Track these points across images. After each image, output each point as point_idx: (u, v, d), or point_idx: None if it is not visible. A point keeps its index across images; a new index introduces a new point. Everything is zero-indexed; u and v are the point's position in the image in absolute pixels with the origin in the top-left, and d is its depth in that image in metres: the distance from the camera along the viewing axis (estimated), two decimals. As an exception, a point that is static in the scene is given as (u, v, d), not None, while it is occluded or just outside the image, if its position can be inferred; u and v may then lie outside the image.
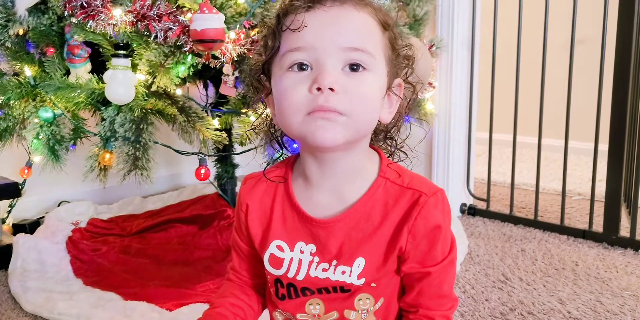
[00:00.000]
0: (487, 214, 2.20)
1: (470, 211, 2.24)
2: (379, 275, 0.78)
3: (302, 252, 0.80)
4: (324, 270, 0.79)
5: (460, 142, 2.24)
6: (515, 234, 2.01)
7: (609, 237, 1.90)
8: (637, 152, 1.86)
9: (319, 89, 0.69)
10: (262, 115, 0.88)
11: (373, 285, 0.79)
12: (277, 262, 0.81)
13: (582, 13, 1.97)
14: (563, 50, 2.01)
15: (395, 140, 0.84)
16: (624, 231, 1.90)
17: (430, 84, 1.92)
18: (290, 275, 0.80)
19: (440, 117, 2.18)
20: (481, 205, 2.25)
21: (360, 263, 0.77)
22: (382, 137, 0.83)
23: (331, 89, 0.69)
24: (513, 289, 1.57)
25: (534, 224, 2.08)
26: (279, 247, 0.81)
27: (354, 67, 0.71)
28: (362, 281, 0.78)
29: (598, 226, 1.96)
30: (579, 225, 2.05)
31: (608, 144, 1.90)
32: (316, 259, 0.79)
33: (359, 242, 0.78)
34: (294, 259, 0.80)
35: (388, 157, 0.83)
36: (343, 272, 0.78)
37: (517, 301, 1.49)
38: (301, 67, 0.71)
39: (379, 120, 0.78)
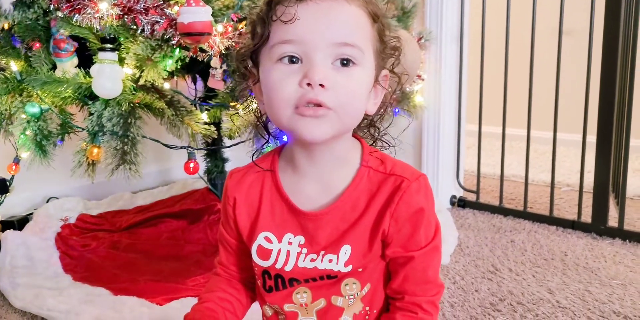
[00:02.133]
0: (477, 206, 2.21)
1: (460, 203, 2.24)
2: (365, 261, 0.79)
3: (290, 243, 0.81)
4: (312, 260, 0.80)
5: (450, 134, 2.25)
6: (505, 225, 2.02)
7: (598, 227, 1.92)
8: (625, 143, 1.87)
9: (309, 84, 0.70)
10: (245, 101, 0.91)
11: (359, 270, 0.80)
12: (265, 253, 0.82)
13: (570, 4, 1.98)
14: (551, 42, 2.01)
15: (379, 129, 0.85)
16: (612, 221, 1.92)
17: (419, 76, 1.92)
18: (278, 266, 0.81)
19: (429, 110, 2.18)
20: (471, 197, 2.26)
21: (346, 250, 0.78)
22: (366, 125, 0.83)
23: (321, 85, 0.69)
24: (502, 279, 1.58)
25: (524, 215, 2.09)
26: (267, 239, 0.82)
27: (344, 62, 0.72)
28: (349, 268, 0.79)
29: (587, 217, 1.97)
30: (567, 216, 2.07)
31: (596, 135, 1.91)
32: (304, 250, 0.80)
33: (345, 231, 0.79)
34: (282, 250, 0.81)
35: (370, 144, 0.84)
36: (330, 261, 0.79)
37: (506, 291, 1.50)
38: (291, 59, 0.71)
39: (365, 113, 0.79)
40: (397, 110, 1.85)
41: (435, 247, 0.80)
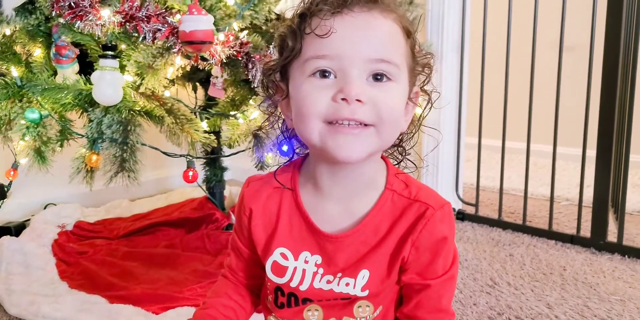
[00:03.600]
0: (476, 219, 2.20)
1: (459, 216, 2.23)
2: (382, 286, 0.78)
3: (306, 262, 0.79)
4: (329, 282, 0.78)
5: (450, 147, 2.24)
6: (504, 239, 2.01)
7: (597, 242, 1.91)
8: (624, 157, 1.87)
9: (344, 99, 0.67)
10: (270, 117, 0.85)
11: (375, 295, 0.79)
12: (280, 270, 0.80)
13: (572, 19, 1.99)
14: (552, 55, 2.01)
15: (405, 149, 0.82)
16: (612, 236, 1.91)
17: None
18: (294, 284, 0.79)
19: (429, 123, 2.17)
20: (470, 210, 2.25)
21: (364, 275, 0.77)
22: (393, 145, 0.80)
23: (358, 101, 0.67)
24: (501, 293, 1.56)
25: (523, 228, 2.08)
26: (283, 255, 0.79)
27: (377, 77, 0.69)
28: (366, 293, 0.77)
29: (586, 231, 1.96)
30: (566, 230, 2.06)
31: (596, 150, 1.91)
32: (321, 270, 0.78)
33: (364, 255, 0.77)
34: (297, 268, 0.79)
35: (395, 165, 0.82)
36: (347, 284, 0.77)
37: (505, 306, 1.49)
38: (324, 74, 0.69)
39: None
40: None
41: (452, 276, 0.79)
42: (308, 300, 0.80)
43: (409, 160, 0.84)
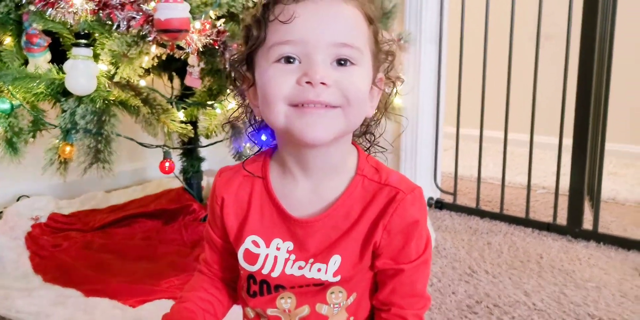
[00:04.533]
0: (454, 208, 2.21)
1: (437, 205, 2.24)
2: (354, 271, 0.78)
3: (278, 249, 0.78)
4: (300, 268, 0.78)
5: (428, 136, 2.25)
6: (482, 227, 2.03)
7: (573, 230, 1.93)
8: (600, 146, 1.89)
9: (308, 82, 0.68)
10: (240, 108, 0.85)
11: (347, 280, 0.78)
12: (252, 257, 0.79)
13: (549, 9, 2.00)
14: (530, 45, 2.02)
15: (374, 135, 0.83)
16: (587, 224, 1.93)
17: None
18: (265, 271, 0.79)
19: (407, 112, 2.18)
20: (448, 199, 2.26)
21: (336, 260, 0.76)
22: (361, 132, 0.81)
23: (323, 84, 0.68)
24: (479, 281, 1.58)
25: (500, 217, 2.10)
26: (255, 243, 0.79)
27: (341, 62, 0.70)
28: (337, 278, 0.77)
29: (562, 219, 1.99)
30: (543, 218, 2.08)
31: (572, 139, 1.92)
32: (292, 256, 0.78)
33: (336, 240, 0.77)
34: (269, 255, 0.79)
35: (365, 150, 0.82)
36: (319, 270, 0.77)
37: (483, 294, 1.50)
38: (288, 60, 0.70)
39: None
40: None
41: (425, 260, 0.79)
42: (280, 287, 0.80)
43: (379, 146, 0.84)
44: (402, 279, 0.78)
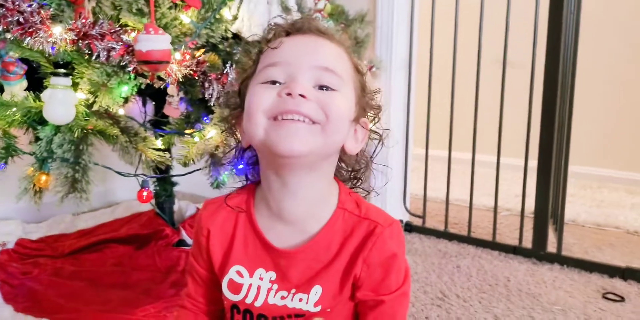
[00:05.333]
0: (423, 231, 2.26)
1: (407, 228, 2.29)
2: (335, 302, 0.80)
3: (261, 279, 0.81)
4: (283, 297, 0.80)
5: (398, 160, 2.29)
6: (451, 250, 2.08)
7: (538, 252, 1.99)
8: (564, 168, 1.96)
9: (289, 94, 0.71)
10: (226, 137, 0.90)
11: (328, 310, 0.80)
12: (235, 287, 0.81)
13: (515, 36, 2.07)
14: (497, 71, 2.09)
15: (361, 180, 0.86)
16: (551, 246, 2.00)
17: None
18: (249, 301, 0.81)
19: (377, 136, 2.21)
20: (417, 221, 2.30)
21: (317, 291, 0.79)
22: (350, 176, 0.85)
23: (302, 96, 0.71)
24: (451, 306, 1.61)
25: (468, 240, 2.15)
26: (239, 273, 0.81)
27: (323, 87, 0.74)
28: (318, 308, 0.79)
29: (527, 242, 2.05)
30: (508, 241, 2.14)
31: (537, 162, 1.99)
32: (275, 286, 0.80)
33: (317, 271, 0.79)
34: (252, 285, 0.81)
35: (350, 188, 0.85)
36: (300, 300, 0.79)
37: (455, 318, 1.54)
38: (274, 82, 0.74)
39: (345, 151, 0.80)
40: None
41: (404, 292, 0.81)
42: (263, 316, 0.81)
43: (362, 188, 0.87)
44: (382, 310, 0.80)
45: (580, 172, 3.09)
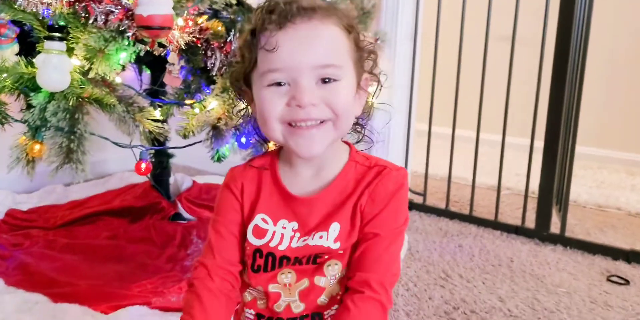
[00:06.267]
0: (424, 208, 2.22)
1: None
2: (350, 239, 0.84)
3: (284, 228, 0.86)
4: (304, 241, 0.85)
5: (399, 135, 2.24)
6: (452, 229, 2.04)
7: (540, 233, 1.96)
8: (570, 149, 1.92)
9: (298, 105, 0.77)
10: (244, 114, 0.93)
11: (340, 252, 0.85)
12: (260, 232, 0.86)
13: (525, 10, 2.00)
14: (505, 46, 2.03)
15: (363, 126, 0.92)
16: (554, 227, 1.97)
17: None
18: (273, 244, 0.85)
19: (380, 110, 2.15)
20: (417, 199, 2.26)
21: (335, 227, 0.84)
22: (353, 124, 0.89)
23: (311, 104, 0.77)
24: (454, 286, 1.58)
25: (469, 219, 2.11)
26: (264, 220, 0.87)
27: (325, 80, 0.79)
28: (338, 245, 0.83)
29: (529, 222, 2.01)
30: (510, 220, 2.10)
31: (544, 142, 1.95)
32: (297, 234, 0.85)
33: (333, 210, 0.85)
34: (276, 232, 0.86)
35: (356, 142, 0.92)
36: (320, 237, 0.84)
37: (459, 299, 1.51)
38: (279, 84, 0.79)
39: None
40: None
41: (400, 231, 0.85)
42: (285, 258, 0.86)
43: (367, 136, 0.94)
44: (374, 244, 0.84)
45: (581, 152, 3.04)
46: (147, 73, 1.88)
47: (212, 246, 0.89)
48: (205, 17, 1.35)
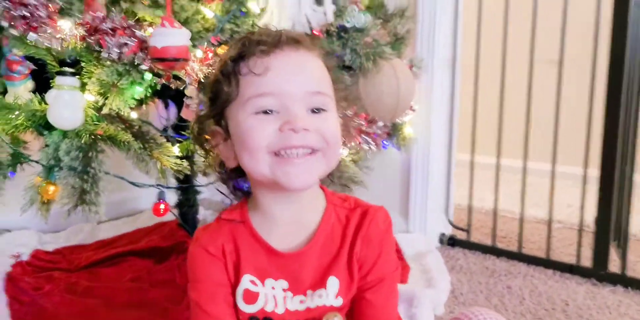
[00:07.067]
0: (468, 245, 2.07)
1: (449, 242, 2.10)
2: (351, 292, 0.81)
3: (273, 288, 0.81)
4: (302, 302, 0.80)
5: (440, 167, 2.11)
6: (499, 268, 1.88)
7: (598, 272, 1.79)
8: (629, 178, 1.76)
9: (291, 129, 0.72)
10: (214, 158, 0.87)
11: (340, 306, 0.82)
12: (252, 296, 0.80)
13: (572, 31, 1.88)
14: (548, 69, 1.91)
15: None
16: (612, 265, 1.79)
17: (410, 107, 1.78)
18: (269, 309, 0.80)
19: (419, 142, 2.04)
20: (460, 235, 2.11)
21: (333, 282, 0.80)
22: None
23: (305, 129, 0.73)
24: (504, 335, 1.43)
25: (518, 256, 1.95)
26: (252, 282, 0.81)
27: (315, 110, 0.76)
28: (340, 301, 0.80)
29: (585, 260, 1.84)
30: (564, 258, 1.93)
31: (599, 170, 1.79)
32: (289, 294, 0.80)
33: (328, 263, 0.80)
34: (268, 294, 0.81)
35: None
36: (320, 296, 0.80)
37: (509, 350, 1.36)
38: (266, 112, 0.74)
39: None
40: (385, 143, 1.71)
41: (398, 275, 0.84)
42: None
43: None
44: (382, 287, 0.82)
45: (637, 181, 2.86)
46: (174, 108, 1.82)
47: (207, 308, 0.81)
48: (226, 47, 1.28)
